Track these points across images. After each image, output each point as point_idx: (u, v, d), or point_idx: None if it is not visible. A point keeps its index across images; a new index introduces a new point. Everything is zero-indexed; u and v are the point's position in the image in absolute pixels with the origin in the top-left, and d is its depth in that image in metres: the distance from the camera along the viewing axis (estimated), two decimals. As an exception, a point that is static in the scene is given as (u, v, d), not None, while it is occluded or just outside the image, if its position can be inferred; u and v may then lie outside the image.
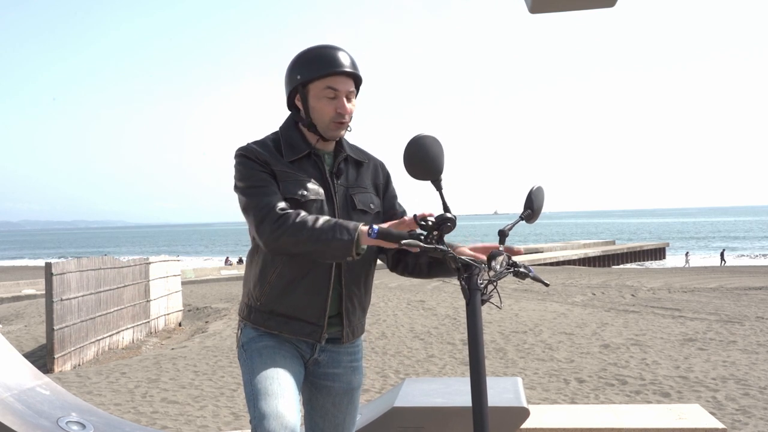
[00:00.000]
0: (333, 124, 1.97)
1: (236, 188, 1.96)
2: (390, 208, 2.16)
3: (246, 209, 1.92)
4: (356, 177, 2.08)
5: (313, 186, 1.97)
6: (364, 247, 1.80)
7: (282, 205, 1.88)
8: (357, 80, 2.03)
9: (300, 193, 1.94)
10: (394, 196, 2.19)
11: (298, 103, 2.02)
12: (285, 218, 1.83)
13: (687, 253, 45.79)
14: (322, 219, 1.82)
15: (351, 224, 1.78)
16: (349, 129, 2.07)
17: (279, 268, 1.95)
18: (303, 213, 1.85)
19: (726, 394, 5.88)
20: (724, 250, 47.62)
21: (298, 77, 1.98)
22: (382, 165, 2.19)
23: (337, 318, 2.01)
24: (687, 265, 40.00)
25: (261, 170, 1.94)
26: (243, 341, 2.02)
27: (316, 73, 1.95)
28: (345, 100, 1.98)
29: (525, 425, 3.06)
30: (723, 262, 42.46)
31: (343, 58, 1.98)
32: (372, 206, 2.07)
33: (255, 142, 2.02)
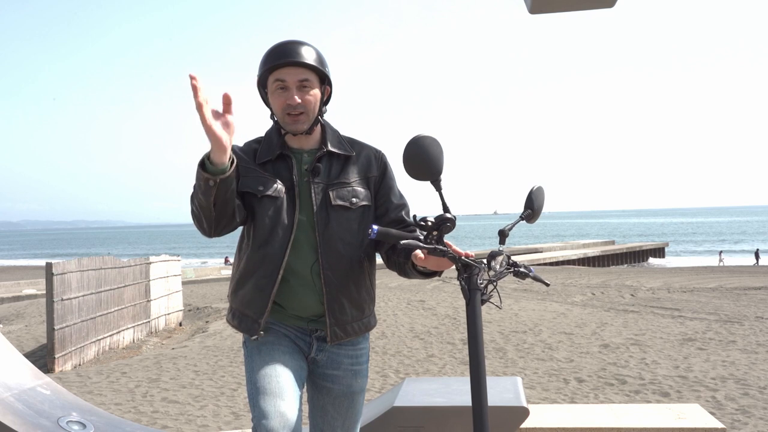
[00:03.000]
0: (287, 117, 1.95)
1: None
2: (383, 203, 2.07)
3: None
4: (339, 172, 2.02)
5: (275, 185, 1.96)
6: (225, 163, 1.71)
7: None
8: (315, 70, 1.96)
9: (258, 188, 1.95)
10: (390, 188, 2.09)
11: None
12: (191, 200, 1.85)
13: (720, 252, 44.80)
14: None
15: (203, 157, 1.74)
16: (322, 119, 2.03)
17: (240, 265, 2.01)
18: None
19: (725, 393, 5.89)
20: (758, 249, 44.40)
21: (257, 76, 2.01)
22: (377, 155, 2.10)
23: (323, 317, 1.99)
24: (721, 264, 38.98)
25: None
26: (245, 337, 2.03)
27: (264, 67, 1.97)
28: (296, 90, 1.94)
29: (525, 425, 3.07)
30: (757, 261, 40.56)
31: (291, 49, 1.94)
32: (354, 200, 2.00)
33: (245, 143, 2.07)
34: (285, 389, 1.83)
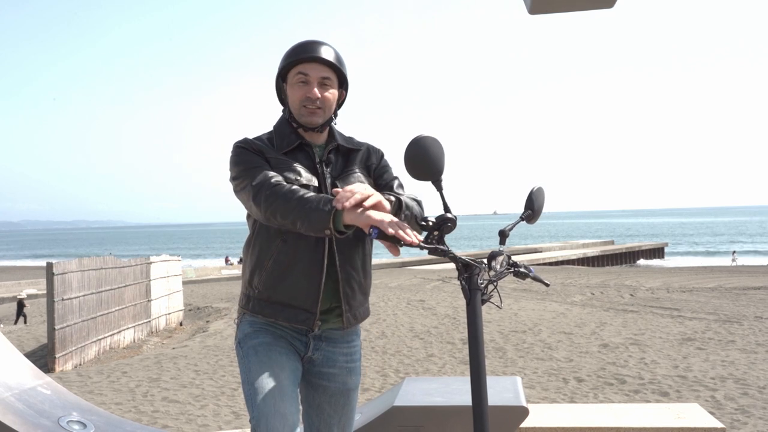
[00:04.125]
0: (303, 109, 2.00)
1: (231, 177, 1.99)
2: (379, 179, 2.12)
3: (242, 188, 1.93)
4: (345, 164, 2.08)
5: (305, 173, 1.99)
6: (348, 232, 1.77)
7: (278, 178, 1.91)
8: (336, 71, 2.03)
9: (294, 177, 1.96)
10: (384, 171, 2.14)
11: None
12: (279, 186, 1.86)
13: (734, 252, 44.51)
14: (313, 192, 1.85)
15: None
16: (333, 122, 2.09)
17: (274, 255, 1.96)
18: (296, 186, 1.88)
19: (725, 393, 5.90)
20: None
21: (278, 68, 2.05)
22: (374, 148, 2.19)
23: (338, 308, 2.00)
24: (734, 264, 38.57)
25: (256, 156, 1.99)
26: (239, 337, 2.02)
27: (289, 60, 2.01)
28: (317, 86, 1.99)
29: (524, 424, 3.08)
30: None
31: (317, 47, 2.01)
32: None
33: (257, 137, 2.08)
34: (284, 389, 1.84)
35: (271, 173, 1.92)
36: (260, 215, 1.90)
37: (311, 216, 1.76)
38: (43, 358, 9.86)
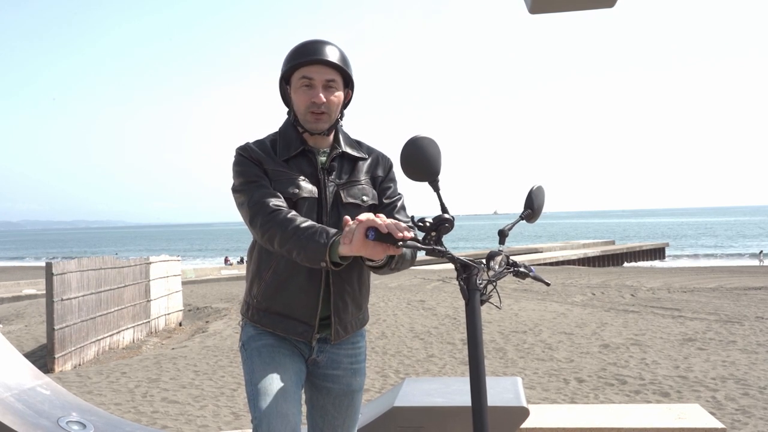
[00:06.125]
0: (309, 114, 1.95)
1: (232, 187, 1.98)
2: (382, 194, 2.08)
3: (241, 204, 1.93)
4: (351, 172, 2.04)
5: (305, 184, 1.96)
6: (344, 264, 1.76)
7: (277, 201, 1.88)
8: (341, 72, 1.99)
9: (292, 191, 1.93)
10: (388, 188, 2.11)
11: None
12: (277, 213, 1.84)
13: (761, 252, 43.54)
14: (311, 222, 1.81)
15: (333, 231, 1.76)
16: (339, 123, 2.05)
17: (274, 266, 1.95)
18: (294, 212, 1.86)
19: (725, 393, 5.89)
20: None
21: (281, 71, 2.01)
22: (384, 157, 2.14)
23: (329, 318, 2.00)
24: (762, 264, 37.79)
25: (255, 168, 1.96)
26: (243, 340, 2.03)
27: (292, 63, 1.96)
28: (322, 89, 1.95)
29: (525, 425, 3.07)
30: None
31: (321, 48, 1.96)
32: (365, 198, 2.02)
33: (254, 142, 2.04)
34: (286, 390, 1.84)
35: (270, 195, 1.88)
36: (257, 238, 1.90)
37: (307, 247, 1.74)
38: (43, 358, 9.85)
